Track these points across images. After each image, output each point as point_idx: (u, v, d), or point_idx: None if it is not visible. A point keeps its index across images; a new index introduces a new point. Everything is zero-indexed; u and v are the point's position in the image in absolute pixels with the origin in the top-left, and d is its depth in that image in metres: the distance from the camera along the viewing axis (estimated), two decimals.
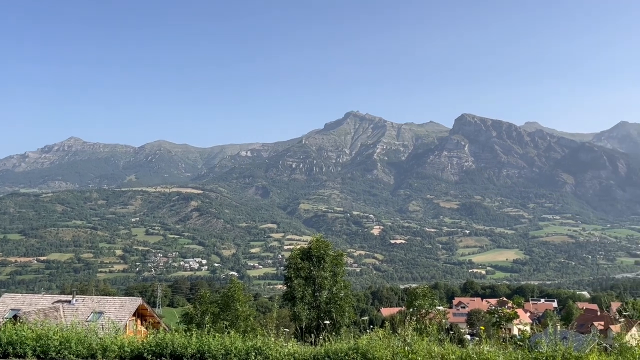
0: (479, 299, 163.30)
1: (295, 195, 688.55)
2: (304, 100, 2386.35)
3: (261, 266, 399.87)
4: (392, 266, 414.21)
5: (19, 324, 13.80)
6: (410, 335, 11.62)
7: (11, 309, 40.82)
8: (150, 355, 12.24)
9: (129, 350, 12.49)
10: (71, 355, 12.14)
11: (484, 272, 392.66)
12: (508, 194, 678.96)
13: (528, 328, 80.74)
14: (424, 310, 46.58)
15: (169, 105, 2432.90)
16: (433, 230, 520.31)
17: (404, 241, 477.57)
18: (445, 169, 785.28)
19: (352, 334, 13.20)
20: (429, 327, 14.41)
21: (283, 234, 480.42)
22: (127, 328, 37.61)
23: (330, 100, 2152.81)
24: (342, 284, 37.51)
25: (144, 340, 12.95)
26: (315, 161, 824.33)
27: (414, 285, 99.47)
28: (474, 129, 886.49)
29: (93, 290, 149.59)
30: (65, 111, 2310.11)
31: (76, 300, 41.53)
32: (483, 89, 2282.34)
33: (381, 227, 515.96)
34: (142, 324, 41.61)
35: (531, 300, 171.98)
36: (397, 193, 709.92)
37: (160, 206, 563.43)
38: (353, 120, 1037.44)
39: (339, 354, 11.43)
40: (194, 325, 21.64)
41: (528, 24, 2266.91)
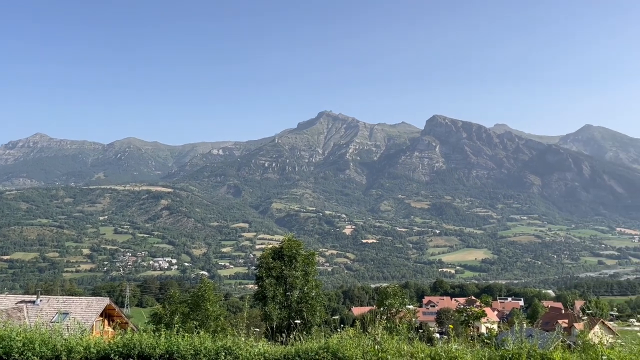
0: (449, 298, 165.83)
1: (267, 194, 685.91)
2: (277, 99, 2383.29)
3: (232, 266, 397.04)
4: (364, 265, 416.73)
5: None
6: (380, 334, 11.69)
7: None
8: (117, 357, 12.00)
9: (95, 351, 12.22)
10: (35, 357, 11.81)
11: (453, 272, 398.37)
12: (477, 195, 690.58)
13: (495, 326, 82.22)
14: (394, 309, 47.04)
15: (139, 102, 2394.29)
16: (404, 229, 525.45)
17: (375, 241, 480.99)
18: (417, 170, 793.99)
19: (323, 333, 13.18)
20: (399, 326, 14.54)
21: (255, 234, 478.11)
22: (94, 329, 36.84)
23: (304, 100, 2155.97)
24: (314, 284, 37.52)
25: (111, 341, 12.71)
26: (288, 160, 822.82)
27: (384, 285, 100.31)
28: (444, 130, 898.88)
29: (58, 290, 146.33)
30: (31, 107, 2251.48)
31: (40, 300, 40.45)
32: (454, 91, 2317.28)
33: (353, 227, 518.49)
34: (110, 325, 40.81)
35: (499, 299, 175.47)
36: (369, 193, 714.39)
37: (129, 204, 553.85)
38: (326, 120, 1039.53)
39: (310, 353, 11.43)
40: (163, 325, 21.34)
41: (497, 29, 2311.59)
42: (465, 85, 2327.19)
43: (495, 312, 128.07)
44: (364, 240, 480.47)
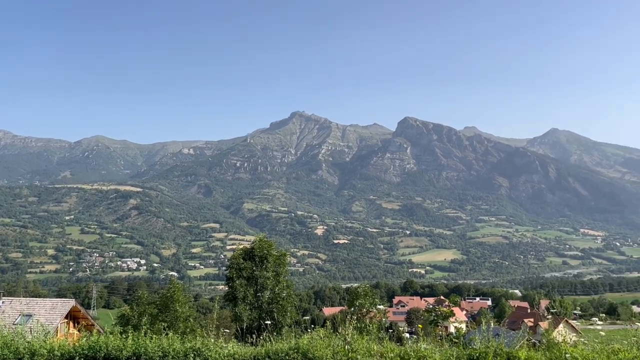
0: (418, 297, 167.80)
1: (239, 194, 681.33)
2: (249, 99, 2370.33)
3: (202, 266, 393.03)
4: (335, 266, 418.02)
5: None
6: (350, 334, 11.73)
7: None
8: (82, 359, 11.75)
9: (59, 354, 11.93)
10: None
11: (423, 272, 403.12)
12: (447, 196, 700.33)
13: (464, 326, 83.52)
14: (364, 310, 47.23)
15: (108, 99, 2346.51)
16: (375, 230, 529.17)
17: (347, 241, 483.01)
18: (388, 171, 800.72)
19: (294, 334, 13.15)
20: (369, 326, 14.62)
21: (226, 234, 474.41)
22: (59, 331, 35.97)
23: (277, 100, 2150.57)
24: (285, 284, 37.45)
25: (76, 343, 12.44)
26: (260, 160, 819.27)
27: (355, 285, 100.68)
28: (416, 132, 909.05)
29: (22, 291, 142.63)
30: None
31: (2, 302, 39.29)
32: (425, 93, 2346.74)
33: (325, 227, 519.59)
34: (75, 327, 39.90)
35: (467, 298, 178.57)
36: (341, 194, 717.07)
37: (97, 204, 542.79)
38: (299, 121, 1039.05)
39: (280, 354, 11.39)
40: (131, 327, 20.98)
41: (467, 34, 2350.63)
42: (436, 88, 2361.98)
43: (464, 312, 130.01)
44: (336, 241, 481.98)
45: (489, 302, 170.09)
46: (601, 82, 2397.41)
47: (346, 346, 11.36)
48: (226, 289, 38.75)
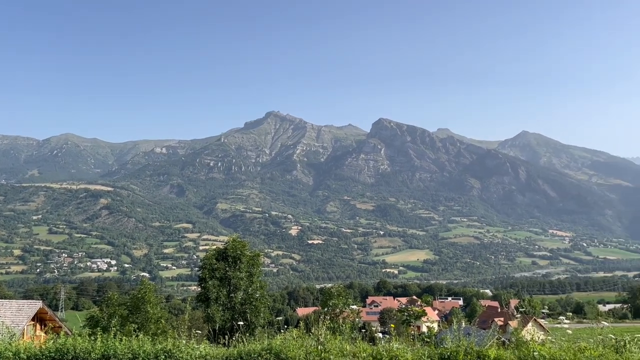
0: (392, 297, 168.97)
1: (212, 194, 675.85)
2: (224, 98, 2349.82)
3: (175, 267, 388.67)
4: (309, 266, 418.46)
5: None
6: (323, 335, 11.75)
7: None
8: None
9: (25, 357, 11.68)
10: None
11: (396, 272, 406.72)
12: (420, 197, 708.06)
13: (436, 325, 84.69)
14: (338, 310, 47.44)
15: (78, 96, 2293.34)
16: (349, 230, 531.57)
17: (321, 241, 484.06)
18: (362, 172, 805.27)
19: (267, 335, 13.11)
20: (343, 326, 14.67)
21: (199, 234, 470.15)
22: (25, 334, 35.03)
23: (251, 100, 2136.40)
24: (258, 285, 37.27)
25: (43, 346, 12.19)
26: (234, 160, 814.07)
27: (329, 285, 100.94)
28: (390, 133, 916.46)
29: None
30: None
31: None
32: (400, 95, 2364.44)
33: (299, 228, 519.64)
34: (42, 329, 38.92)
35: (439, 298, 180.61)
36: (316, 194, 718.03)
37: (66, 203, 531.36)
38: (274, 120, 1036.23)
39: (252, 355, 11.34)
40: (100, 329, 20.63)
41: (442, 35, 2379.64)
42: (410, 90, 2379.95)
43: (436, 312, 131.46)
44: (310, 241, 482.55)
45: (461, 302, 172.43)
46: (569, 86, 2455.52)
47: (319, 346, 11.37)
48: (199, 289, 38.38)
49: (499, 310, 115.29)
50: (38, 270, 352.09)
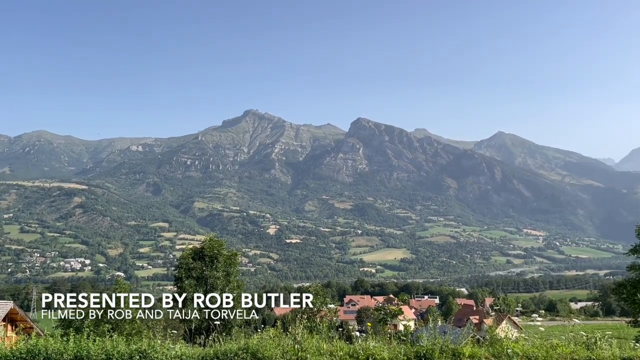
0: (369, 296, 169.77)
1: (189, 193, 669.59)
2: (201, 95, 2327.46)
3: (151, 266, 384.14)
4: (287, 265, 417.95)
5: None
6: (300, 334, 11.77)
7: None
8: None
9: None
10: None
11: (374, 271, 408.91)
12: (398, 196, 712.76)
13: (412, 324, 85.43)
14: (315, 309, 47.40)
15: (51, 92, 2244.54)
16: (327, 230, 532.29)
17: (299, 241, 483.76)
18: (341, 171, 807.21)
19: (244, 334, 13.09)
20: (320, 325, 14.70)
21: (175, 233, 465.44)
22: None
23: (229, 98, 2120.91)
24: (236, 284, 37.06)
25: (14, 347, 11.93)
26: (212, 159, 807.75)
27: (307, 284, 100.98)
28: (368, 133, 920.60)
29: None
30: None
31: None
32: (378, 95, 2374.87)
33: (277, 227, 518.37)
34: (13, 330, 38.08)
35: (416, 297, 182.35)
36: (294, 193, 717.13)
37: (38, 202, 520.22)
38: (252, 119, 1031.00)
39: (229, 355, 11.29)
40: (73, 329, 20.25)
41: (418, 35, 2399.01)
42: (388, 90, 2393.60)
43: (413, 310, 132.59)
44: (288, 240, 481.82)
45: (437, 300, 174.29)
46: (544, 89, 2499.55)
47: (296, 345, 11.38)
48: (175, 289, 38.05)
49: (475, 308, 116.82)
50: (9, 270, 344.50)
